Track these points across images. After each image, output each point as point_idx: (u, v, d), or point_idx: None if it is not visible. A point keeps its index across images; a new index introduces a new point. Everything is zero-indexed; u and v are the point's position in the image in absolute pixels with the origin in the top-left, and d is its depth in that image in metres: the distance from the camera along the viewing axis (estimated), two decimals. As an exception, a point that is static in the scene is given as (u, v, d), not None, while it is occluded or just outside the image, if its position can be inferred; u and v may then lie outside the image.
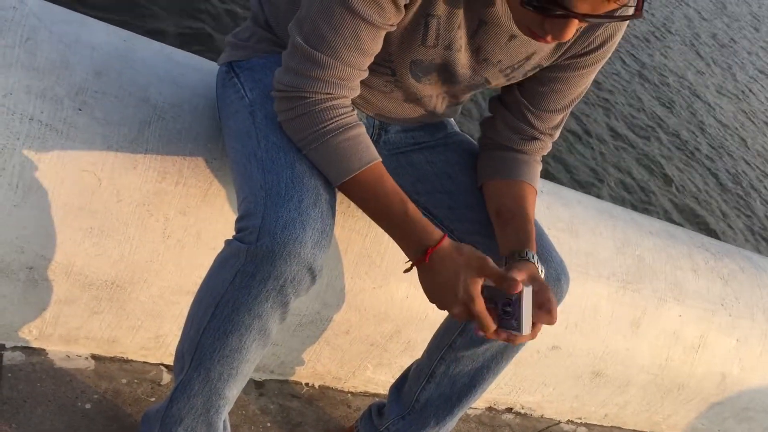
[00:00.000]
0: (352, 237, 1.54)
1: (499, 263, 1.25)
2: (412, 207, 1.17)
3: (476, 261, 1.13)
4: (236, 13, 4.21)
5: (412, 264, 1.17)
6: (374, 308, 1.64)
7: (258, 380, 1.71)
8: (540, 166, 1.40)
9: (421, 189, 1.43)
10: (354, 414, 1.77)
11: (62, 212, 1.31)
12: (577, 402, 2.06)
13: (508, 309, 1.13)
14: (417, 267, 1.16)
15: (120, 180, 1.32)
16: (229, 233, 1.18)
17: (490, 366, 1.43)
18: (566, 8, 1.01)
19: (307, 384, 1.77)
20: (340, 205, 1.48)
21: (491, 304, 1.14)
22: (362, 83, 1.28)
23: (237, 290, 1.12)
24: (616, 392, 2.06)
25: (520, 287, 1.10)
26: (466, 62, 1.25)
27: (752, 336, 2.12)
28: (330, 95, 1.16)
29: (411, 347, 1.74)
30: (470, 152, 1.47)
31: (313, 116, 1.16)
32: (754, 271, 2.22)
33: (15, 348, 1.46)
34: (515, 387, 1.95)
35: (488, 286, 1.14)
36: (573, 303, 1.81)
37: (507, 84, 1.34)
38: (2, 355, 1.44)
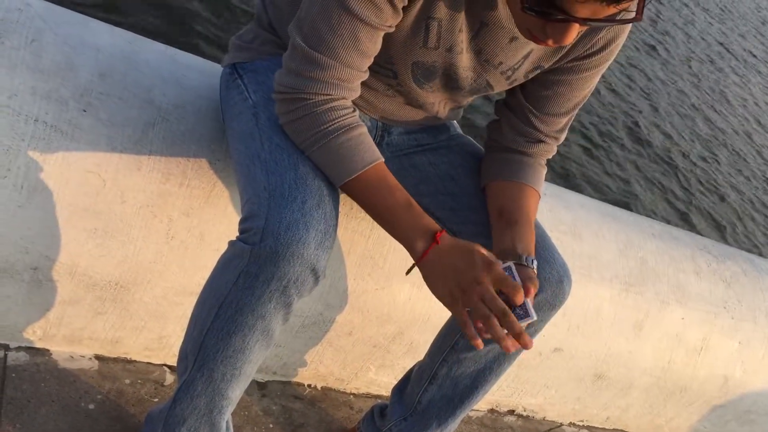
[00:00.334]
0: (355, 238, 1.54)
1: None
2: (416, 204, 1.18)
3: (478, 247, 1.14)
4: (240, 16, 4.22)
5: (418, 259, 1.16)
6: (377, 310, 1.64)
7: (261, 381, 1.71)
8: (544, 170, 1.40)
9: (424, 191, 1.43)
10: (356, 415, 1.77)
11: (67, 213, 1.32)
12: (579, 404, 2.06)
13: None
14: (421, 263, 1.16)
15: (124, 181, 1.33)
16: (233, 234, 1.19)
17: (492, 368, 1.43)
18: (567, 13, 1.02)
19: (310, 385, 1.78)
20: (343, 207, 1.48)
21: None
22: (365, 86, 1.28)
23: (240, 291, 1.13)
24: (619, 395, 2.06)
25: (522, 298, 1.12)
26: (468, 64, 1.26)
27: (755, 339, 2.12)
28: (330, 96, 1.17)
29: (413, 349, 1.74)
30: (473, 154, 1.47)
31: (314, 118, 1.16)
32: (757, 274, 2.22)
33: (19, 348, 1.47)
34: (517, 389, 1.95)
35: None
36: (575, 305, 1.82)
37: (509, 88, 1.34)
38: (6, 356, 1.44)
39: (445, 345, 1.45)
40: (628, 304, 1.89)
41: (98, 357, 1.54)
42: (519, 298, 1.11)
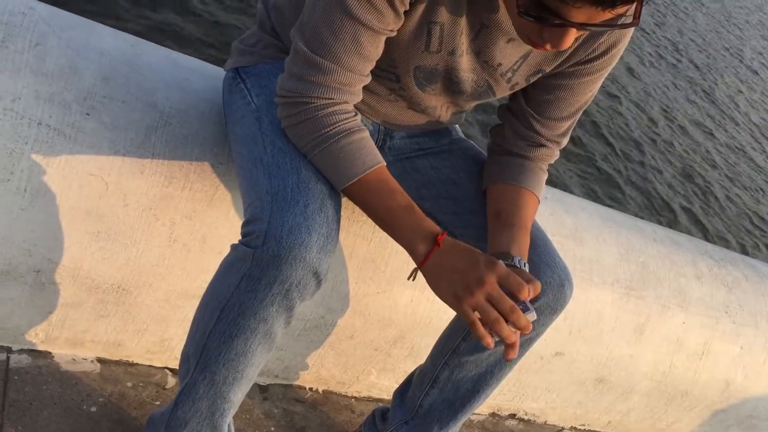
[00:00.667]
0: (357, 242, 1.55)
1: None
2: (417, 207, 1.18)
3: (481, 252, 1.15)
4: (243, 19, 4.23)
5: (421, 262, 1.16)
6: (378, 313, 1.64)
7: (262, 384, 1.71)
8: (545, 175, 1.40)
9: (426, 195, 1.43)
10: (357, 419, 1.77)
11: (69, 216, 1.32)
12: (581, 408, 2.06)
13: None
14: (424, 266, 1.15)
15: (127, 184, 1.33)
16: (235, 238, 1.19)
17: (494, 371, 1.43)
18: (562, 18, 1.02)
19: (311, 388, 1.78)
20: (345, 210, 1.49)
21: None
22: (367, 90, 1.29)
23: (243, 294, 1.13)
24: (620, 399, 2.06)
25: (527, 294, 1.12)
26: (468, 66, 1.26)
27: (756, 344, 2.12)
28: (332, 100, 1.17)
29: (415, 352, 1.74)
30: (475, 159, 1.48)
31: (316, 121, 1.17)
32: (758, 279, 2.22)
33: (21, 351, 1.47)
34: (519, 393, 1.96)
35: None
36: (576, 309, 1.82)
37: (511, 92, 1.35)
38: (9, 358, 1.45)
39: (447, 348, 1.45)
40: (630, 309, 1.89)
41: (100, 360, 1.55)
42: (524, 294, 1.11)
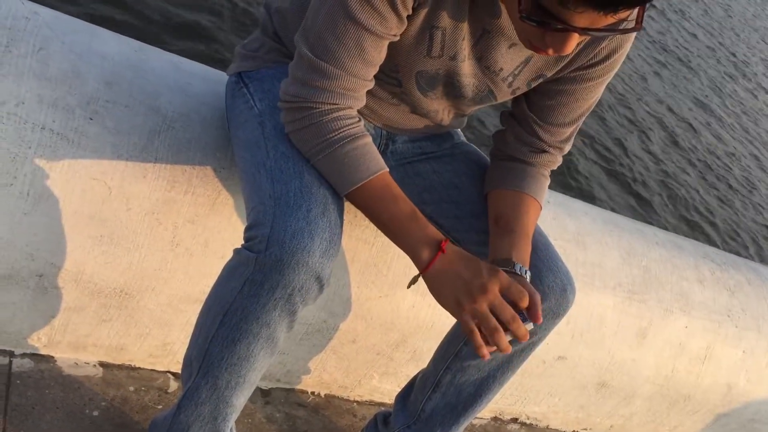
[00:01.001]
0: (359, 246, 1.55)
1: None
2: (420, 214, 1.18)
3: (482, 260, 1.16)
4: (246, 24, 4.23)
5: (424, 269, 1.16)
6: (380, 317, 1.64)
7: (264, 388, 1.71)
8: (548, 181, 1.40)
9: (428, 199, 1.43)
10: (360, 423, 1.77)
11: (72, 220, 1.32)
12: (583, 413, 2.06)
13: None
14: (427, 273, 1.16)
15: (129, 188, 1.34)
16: (238, 242, 1.19)
17: (496, 376, 1.43)
18: (565, 22, 1.01)
19: (313, 393, 1.78)
20: (348, 215, 1.49)
21: None
22: (370, 94, 1.29)
23: (245, 299, 1.13)
24: (622, 403, 2.06)
25: (527, 302, 1.13)
26: (470, 71, 1.26)
27: (758, 348, 2.12)
28: (336, 106, 1.17)
29: (417, 356, 1.74)
30: (477, 163, 1.48)
31: (320, 127, 1.17)
32: (761, 283, 2.22)
33: (24, 355, 1.47)
34: (521, 397, 1.95)
35: None
36: (579, 313, 1.82)
37: (512, 97, 1.35)
38: (11, 362, 1.45)
39: (449, 353, 1.45)
40: (632, 313, 1.89)
41: (103, 364, 1.55)
42: (525, 302, 1.12)
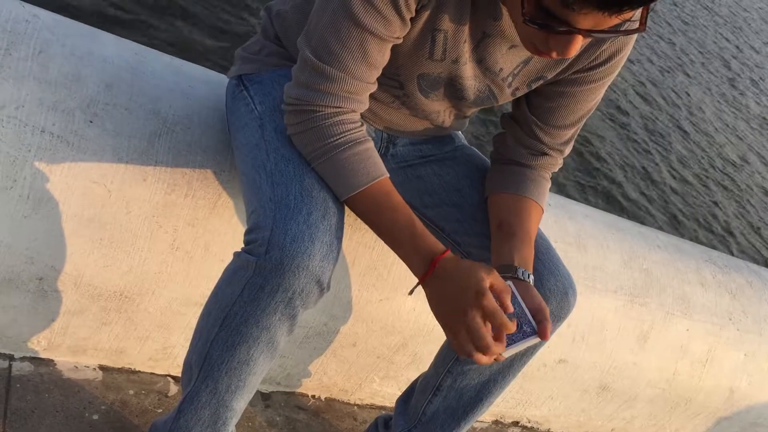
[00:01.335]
0: (360, 250, 1.54)
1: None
2: (419, 223, 1.18)
3: (481, 266, 1.14)
4: (246, 27, 4.23)
5: (419, 281, 1.17)
6: (381, 321, 1.64)
7: (264, 392, 1.71)
8: (548, 184, 1.40)
9: (429, 202, 1.43)
10: (360, 426, 1.76)
11: (72, 223, 1.32)
12: (584, 416, 2.06)
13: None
14: (423, 283, 1.16)
15: (129, 192, 1.33)
16: (238, 245, 1.19)
17: (497, 379, 1.42)
18: (569, 25, 1.01)
19: (314, 396, 1.77)
20: (348, 218, 1.48)
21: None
22: (371, 97, 1.29)
23: (245, 302, 1.13)
24: (623, 406, 2.05)
25: (513, 329, 1.11)
26: (471, 73, 1.26)
27: (760, 351, 2.12)
28: (339, 109, 1.17)
29: (418, 360, 1.74)
30: (478, 166, 1.47)
31: (322, 130, 1.17)
32: (762, 286, 2.21)
33: (23, 359, 1.47)
34: (522, 400, 1.95)
35: None
36: (580, 316, 1.81)
37: (513, 98, 1.35)
38: (11, 366, 1.44)
39: (450, 356, 1.45)
40: (633, 316, 1.89)
41: (102, 367, 1.54)
42: (510, 329, 1.10)
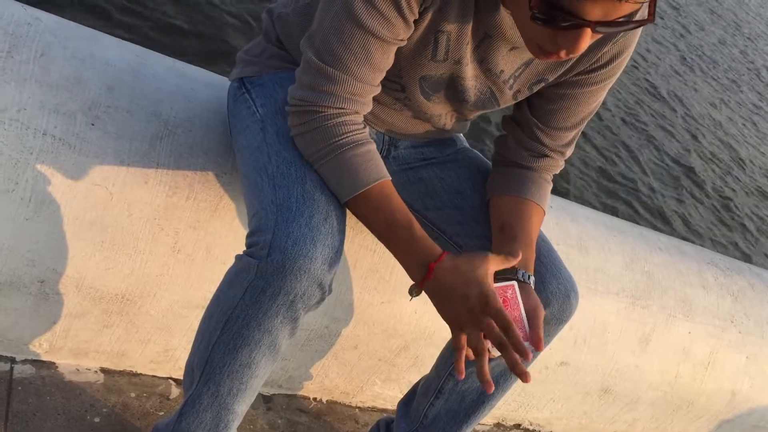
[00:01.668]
0: (361, 252, 1.54)
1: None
2: (418, 227, 1.17)
3: (480, 258, 1.14)
4: (248, 30, 4.24)
5: (419, 286, 1.17)
6: (383, 323, 1.64)
7: (266, 395, 1.71)
8: (550, 186, 1.40)
9: (430, 204, 1.43)
10: (362, 429, 1.76)
11: (74, 226, 1.32)
12: (586, 418, 2.05)
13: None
14: (423, 287, 1.16)
15: (131, 194, 1.33)
16: (239, 248, 1.19)
17: (499, 382, 1.42)
18: (577, 16, 0.98)
19: (315, 399, 1.77)
20: (350, 221, 1.48)
21: None
22: (373, 99, 1.29)
23: (247, 305, 1.13)
24: (625, 409, 2.05)
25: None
26: (472, 74, 1.26)
27: (762, 353, 2.11)
28: (342, 110, 1.17)
29: (419, 362, 1.74)
30: (480, 169, 1.47)
31: (325, 131, 1.17)
32: (764, 288, 2.21)
33: (25, 361, 1.47)
34: (523, 403, 1.95)
35: None
36: (582, 319, 1.81)
37: (514, 102, 1.34)
38: (12, 369, 1.44)
39: (452, 359, 1.45)
40: (635, 318, 1.88)
41: (104, 370, 1.54)
42: (515, 331, 1.11)
